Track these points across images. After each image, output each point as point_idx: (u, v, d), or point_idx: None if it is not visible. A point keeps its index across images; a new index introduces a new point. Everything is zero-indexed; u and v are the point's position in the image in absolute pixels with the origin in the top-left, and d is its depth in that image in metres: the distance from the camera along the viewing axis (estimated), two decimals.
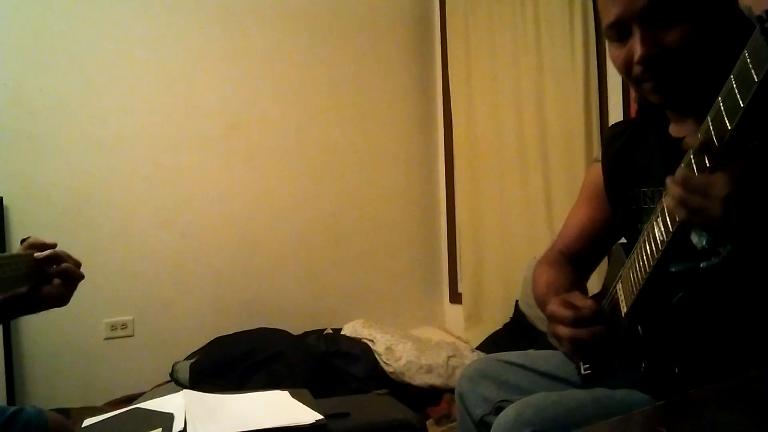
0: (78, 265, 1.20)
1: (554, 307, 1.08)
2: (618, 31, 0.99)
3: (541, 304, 1.24)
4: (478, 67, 3.20)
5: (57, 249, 1.17)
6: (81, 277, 1.19)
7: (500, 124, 3.10)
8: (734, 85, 0.71)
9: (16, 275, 1.08)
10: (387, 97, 3.41)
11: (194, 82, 2.94)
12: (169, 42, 2.89)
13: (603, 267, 1.45)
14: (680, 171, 0.80)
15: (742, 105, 0.70)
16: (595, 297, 1.21)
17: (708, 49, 0.95)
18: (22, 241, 1.19)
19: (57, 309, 1.20)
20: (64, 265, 1.16)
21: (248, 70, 3.06)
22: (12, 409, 1.19)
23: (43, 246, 1.17)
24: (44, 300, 1.16)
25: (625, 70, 1.01)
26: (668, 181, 0.83)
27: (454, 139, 3.37)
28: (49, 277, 1.15)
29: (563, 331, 1.06)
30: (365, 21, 3.35)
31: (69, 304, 1.20)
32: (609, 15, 0.99)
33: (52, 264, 1.15)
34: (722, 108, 0.74)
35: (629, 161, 1.18)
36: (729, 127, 0.72)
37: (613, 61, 1.04)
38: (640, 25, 0.95)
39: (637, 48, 0.95)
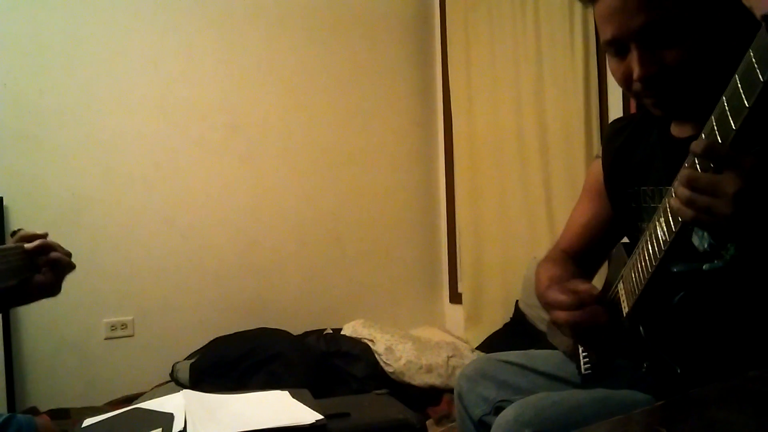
0: (68, 254, 1.20)
1: (553, 293, 1.07)
2: (616, 48, 0.98)
3: (543, 300, 1.24)
4: (478, 67, 3.20)
5: (47, 239, 1.18)
6: (71, 266, 1.20)
7: (500, 124, 3.10)
8: (739, 85, 0.70)
9: (8, 268, 1.08)
10: (387, 97, 3.41)
11: (194, 83, 2.93)
12: (168, 43, 2.88)
13: (603, 265, 1.45)
14: (684, 171, 0.79)
15: (747, 105, 0.69)
16: None
17: (708, 62, 0.93)
18: (13, 233, 1.19)
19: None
20: (53, 254, 1.16)
21: (248, 71, 3.05)
22: (4, 416, 1.19)
23: (33, 237, 1.17)
24: (36, 290, 1.17)
25: (625, 85, 1.00)
26: (675, 184, 0.82)
27: (454, 139, 3.37)
28: (39, 267, 1.16)
29: (562, 315, 1.04)
30: (365, 21, 3.35)
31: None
32: (606, 33, 0.98)
33: (42, 254, 1.16)
34: (727, 108, 0.73)
35: (630, 159, 1.17)
36: (734, 127, 0.72)
37: (613, 74, 1.03)
38: (638, 45, 0.94)
39: (635, 67, 0.94)
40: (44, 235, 1.19)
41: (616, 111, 2.63)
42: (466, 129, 3.27)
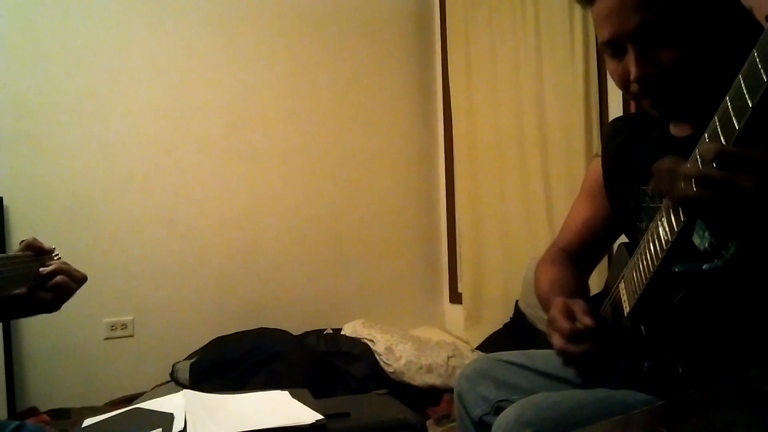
0: (81, 279, 1.19)
1: (555, 313, 1.10)
2: (613, 49, 0.98)
3: (544, 302, 1.24)
4: (478, 67, 3.20)
5: (61, 264, 1.17)
6: (73, 291, 1.19)
7: (500, 124, 3.10)
8: (743, 85, 0.70)
9: (13, 276, 1.07)
10: (387, 97, 3.41)
11: (194, 83, 2.93)
12: (169, 42, 2.89)
13: (603, 265, 1.45)
14: (697, 163, 0.75)
15: (750, 105, 0.69)
16: (596, 297, 1.21)
17: (705, 63, 0.93)
18: (22, 242, 1.19)
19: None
20: (59, 278, 1.15)
21: (248, 70, 3.05)
22: (13, 424, 1.18)
23: (41, 250, 1.16)
24: (36, 305, 1.16)
25: (623, 86, 1.00)
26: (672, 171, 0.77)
27: (454, 139, 3.37)
28: (45, 284, 1.15)
29: (556, 341, 1.08)
30: (365, 21, 3.35)
31: (69, 304, 1.20)
32: (603, 33, 0.97)
33: (51, 276, 1.15)
34: (730, 108, 0.73)
35: (629, 158, 1.17)
36: (737, 127, 0.71)
37: (611, 75, 1.03)
38: (634, 45, 0.94)
39: (632, 68, 0.94)
40: (51, 250, 1.19)
41: (616, 111, 2.62)
42: (466, 129, 3.27)
